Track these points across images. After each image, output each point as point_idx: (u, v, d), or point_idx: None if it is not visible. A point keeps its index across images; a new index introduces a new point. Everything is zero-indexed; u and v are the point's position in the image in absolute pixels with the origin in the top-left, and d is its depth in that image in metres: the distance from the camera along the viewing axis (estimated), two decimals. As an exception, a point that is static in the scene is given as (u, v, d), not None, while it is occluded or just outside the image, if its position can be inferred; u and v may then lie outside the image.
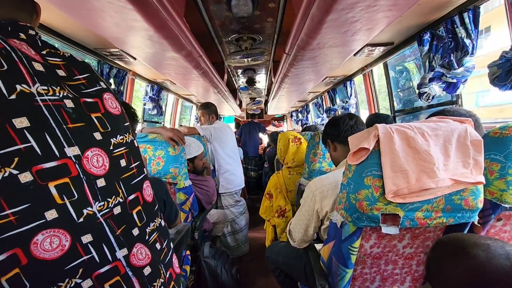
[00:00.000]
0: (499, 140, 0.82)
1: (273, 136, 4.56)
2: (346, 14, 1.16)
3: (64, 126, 0.49)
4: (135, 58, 2.07)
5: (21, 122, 0.43)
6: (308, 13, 1.21)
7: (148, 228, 0.62)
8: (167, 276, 0.64)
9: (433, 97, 1.72)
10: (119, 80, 2.33)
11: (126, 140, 0.62)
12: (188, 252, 1.53)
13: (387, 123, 1.68)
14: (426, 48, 1.67)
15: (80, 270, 0.48)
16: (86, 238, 0.49)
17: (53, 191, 0.46)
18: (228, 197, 2.41)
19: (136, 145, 0.66)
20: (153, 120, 3.40)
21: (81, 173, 0.50)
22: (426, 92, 1.72)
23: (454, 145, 0.77)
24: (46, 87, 0.48)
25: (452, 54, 1.50)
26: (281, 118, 8.07)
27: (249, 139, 4.77)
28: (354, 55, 2.10)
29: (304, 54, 1.72)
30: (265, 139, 5.73)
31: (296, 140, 1.82)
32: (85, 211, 0.50)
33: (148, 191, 0.66)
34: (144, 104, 3.10)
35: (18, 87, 0.44)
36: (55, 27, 1.57)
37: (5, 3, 0.54)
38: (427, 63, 1.69)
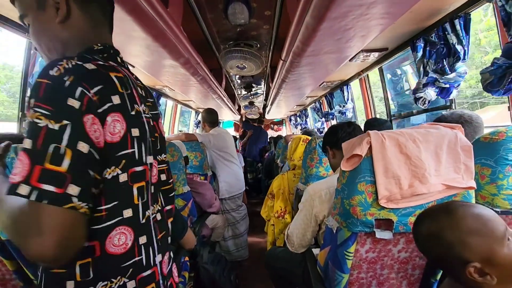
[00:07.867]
0: (490, 145, 0.84)
1: (276, 139, 4.60)
2: (339, 23, 1.18)
3: (149, 139, 0.58)
4: (133, 66, 2.10)
5: (135, 132, 0.52)
6: (302, 21, 1.23)
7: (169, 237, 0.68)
8: (168, 285, 0.66)
9: (429, 102, 1.75)
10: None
11: (166, 159, 0.71)
12: (187, 258, 1.53)
13: (385, 127, 1.71)
14: (420, 54, 1.70)
15: (130, 270, 0.51)
16: (142, 240, 0.53)
17: (135, 192, 0.52)
18: (230, 201, 2.42)
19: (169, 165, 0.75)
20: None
21: (149, 179, 0.57)
22: (422, 97, 1.74)
23: (445, 151, 0.79)
24: (144, 107, 0.58)
25: (444, 60, 1.53)
26: (280, 122, 8.11)
27: (254, 143, 4.92)
28: (350, 60, 2.13)
29: (300, 60, 1.75)
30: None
31: (307, 141, 1.87)
32: (147, 213, 0.55)
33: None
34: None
35: (135, 105, 0.54)
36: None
37: (103, 25, 0.60)
38: (421, 69, 1.71)
